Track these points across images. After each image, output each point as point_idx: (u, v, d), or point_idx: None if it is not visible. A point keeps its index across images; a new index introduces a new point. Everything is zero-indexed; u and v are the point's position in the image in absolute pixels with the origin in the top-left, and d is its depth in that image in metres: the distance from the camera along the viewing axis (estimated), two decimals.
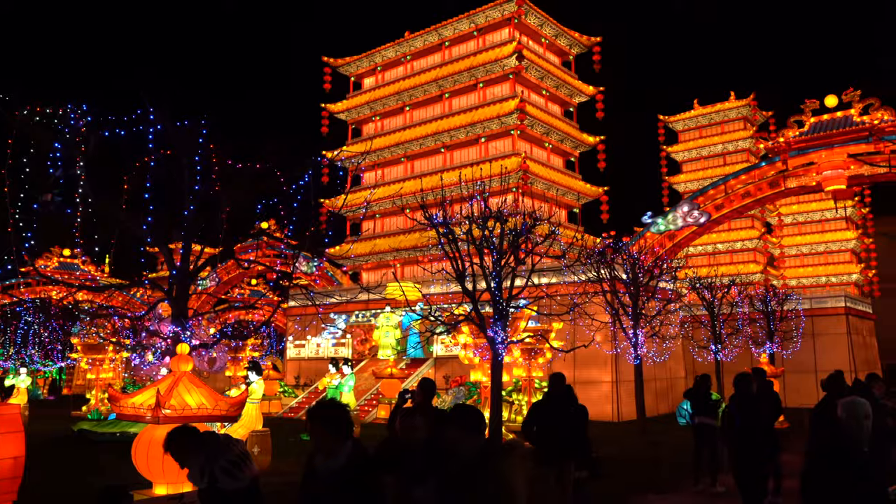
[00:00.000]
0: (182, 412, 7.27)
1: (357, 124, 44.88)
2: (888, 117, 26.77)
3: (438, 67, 40.27)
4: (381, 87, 43.04)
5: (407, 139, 40.38)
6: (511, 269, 15.06)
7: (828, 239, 46.24)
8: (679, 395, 31.71)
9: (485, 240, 14.74)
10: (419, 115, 41.42)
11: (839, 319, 32.40)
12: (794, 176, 28.55)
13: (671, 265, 23.37)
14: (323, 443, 4.04)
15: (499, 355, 14.73)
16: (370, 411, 28.40)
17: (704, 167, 48.13)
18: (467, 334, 18.27)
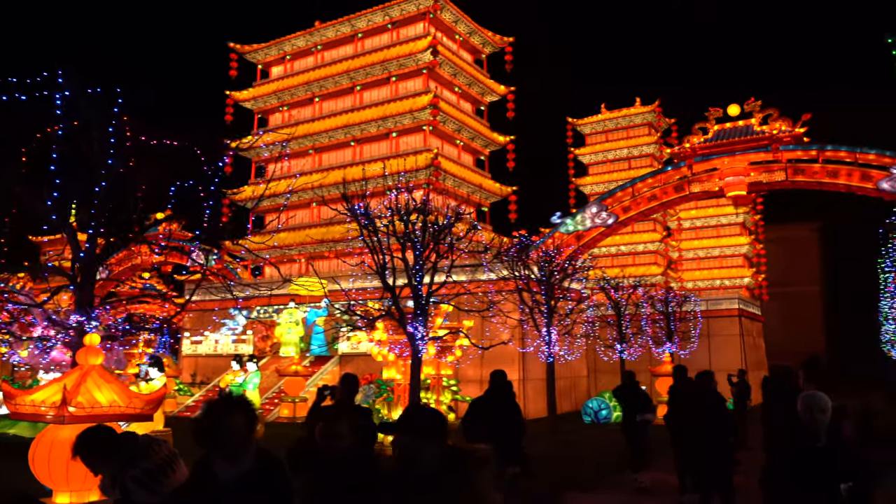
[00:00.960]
0: (91, 410, 6.28)
1: (263, 114, 43.08)
2: (785, 128, 28.25)
3: (350, 59, 39.22)
4: (290, 77, 41.48)
5: (316, 131, 39.09)
6: (432, 263, 14.54)
7: (723, 244, 48.70)
8: (582, 394, 32.31)
9: (407, 234, 14.14)
10: (329, 107, 40.21)
11: (733, 321, 33.99)
12: (698, 181, 29.59)
13: (582, 265, 23.56)
14: (223, 447, 3.35)
15: (419, 351, 14.17)
16: (272, 410, 27.29)
17: (610, 170, 49.52)
18: (383, 330, 17.56)
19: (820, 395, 4.44)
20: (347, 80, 39.01)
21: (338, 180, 33.34)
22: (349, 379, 6.87)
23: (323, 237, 36.73)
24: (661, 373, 24.93)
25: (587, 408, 24.84)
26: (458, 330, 17.50)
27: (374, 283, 26.67)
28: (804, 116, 29.61)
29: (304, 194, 39.07)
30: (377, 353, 18.55)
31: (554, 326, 20.65)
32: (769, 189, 29.45)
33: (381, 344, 17.94)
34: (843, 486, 4.19)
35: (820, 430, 4.32)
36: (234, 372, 25.04)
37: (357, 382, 6.87)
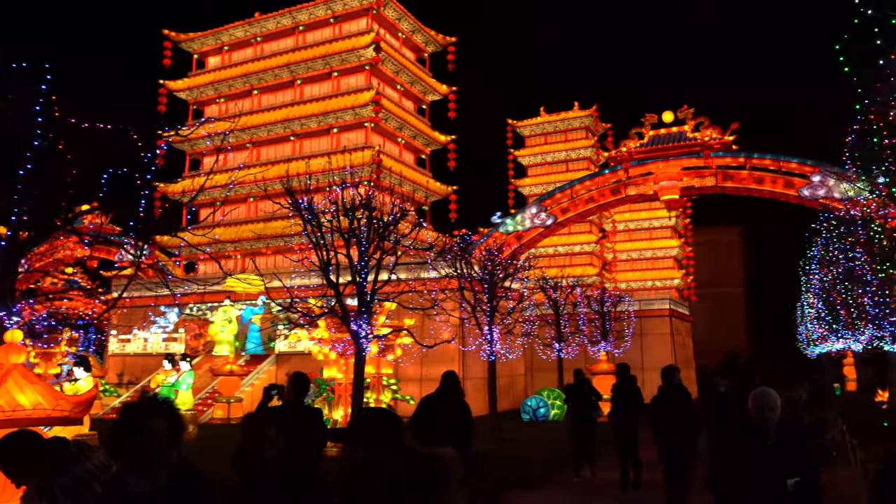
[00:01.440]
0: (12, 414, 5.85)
1: (199, 105, 41.84)
2: (716, 135, 29.33)
3: (291, 52, 38.52)
4: (228, 68, 40.42)
5: (254, 124, 38.24)
6: (377, 260, 14.43)
7: (655, 246, 50.19)
8: (520, 392, 32.74)
9: (352, 230, 13.98)
10: (268, 101, 39.40)
11: (664, 321, 35.08)
12: (634, 184, 30.39)
13: (523, 265, 23.85)
14: (138, 457, 2.82)
15: (363, 350, 14.03)
16: (206, 411, 26.56)
17: (549, 172, 50.30)
18: (325, 328, 17.33)
19: (770, 392, 4.49)
20: (288, 73, 38.31)
21: (278, 175, 32.85)
22: (299, 378, 6.68)
23: (261, 233, 35.98)
24: (598, 371, 25.49)
25: (526, 406, 25.15)
26: (401, 328, 17.44)
27: (314, 281, 26.26)
28: (733, 125, 30.90)
29: (241, 189, 38.15)
30: (318, 352, 18.30)
31: (496, 325, 20.81)
32: (700, 194, 30.54)
33: (322, 342, 17.70)
34: (790, 482, 4.26)
35: (770, 428, 4.39)
36: (165, 372, 24.23)
37: (308, 382, 6.71)
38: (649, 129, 30.96)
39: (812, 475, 4.43)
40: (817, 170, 27.73)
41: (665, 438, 9.20)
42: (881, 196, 12.97)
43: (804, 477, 4.34)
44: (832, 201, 27.08)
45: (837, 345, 26.28)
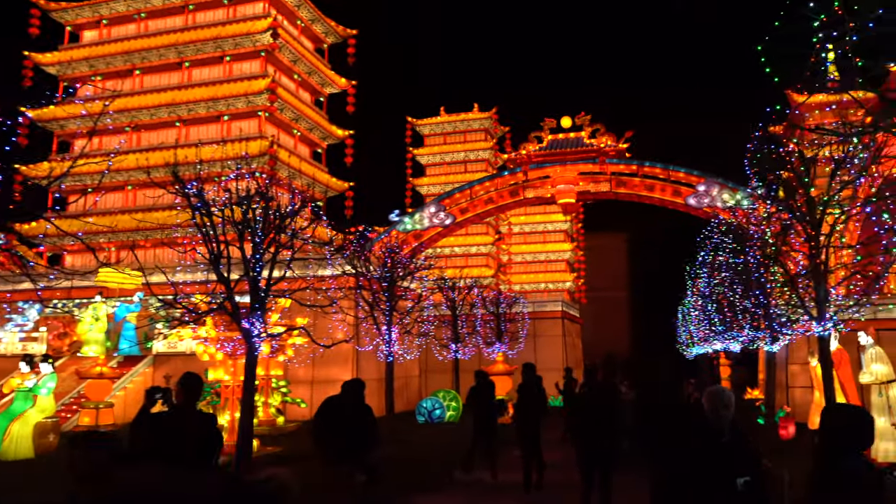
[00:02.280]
0: None
1: (71, 82, 38.42)
2: (611, 142, 30.03)
3: (180, 32, 36.09)
4: (107, 44, 37.34)
5: (135, 107, 35.53)
6: (272, 254, 13.38)
7: (548, 249, 51.20)
8: (414, 394, 32.18)
9: (247, 220, 12.85)
10: (152, 82, 36.74)
11: (556, 322, 35.64)
12: (532, 187, 30.59)
13: (423, 264, 23.30)
14: None
15: (255, 350, 12.93)
16: (70, 418, 24.15)
17: (447, 172, 50.16)
18: (211, 327, 16.00)
19: (725, 390, 4.42)
20: (175, 54, 35.86)
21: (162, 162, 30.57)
22: (191, 380, 5.75)
23: (139, 224, 33.40)
24: (494, 372, 25.31)
25: (421, 407, 24.60)
26: (294, 327, 16.37)
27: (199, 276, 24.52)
28: (627, 133, 31.87)
29: (118, 175, 35.37)
30: (203, 352, 16.90)
31: (394, 325, 20.12)
32: (595, 198, 31.21)
33: (208, 341, 16.35)
34: (740, 481, 4.19)
35: (724, 426, 4.33)
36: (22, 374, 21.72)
37: (201, 384, 5.79)
38: (548, 134, 31.39)
39: (761, 474, 4.36)
40: (702, 180, 28.97)
41: (587, 438, 8.91)
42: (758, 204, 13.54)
43: (753, 476, 4.26)
44: (715, 209, 28.35)
45: (716, 346, 27.55)
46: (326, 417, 8.29)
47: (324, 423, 8.24)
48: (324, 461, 8.16)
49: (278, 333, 14.17)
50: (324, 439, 8.20)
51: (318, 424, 8.22)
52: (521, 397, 11.64)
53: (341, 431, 8.14)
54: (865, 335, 12.08)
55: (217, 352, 16.36)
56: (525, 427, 11.28)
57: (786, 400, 20.67)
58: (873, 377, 11.98)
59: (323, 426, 8.20)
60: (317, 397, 25.25)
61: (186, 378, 5.81)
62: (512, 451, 15.95)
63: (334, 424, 8.22)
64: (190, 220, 12.74)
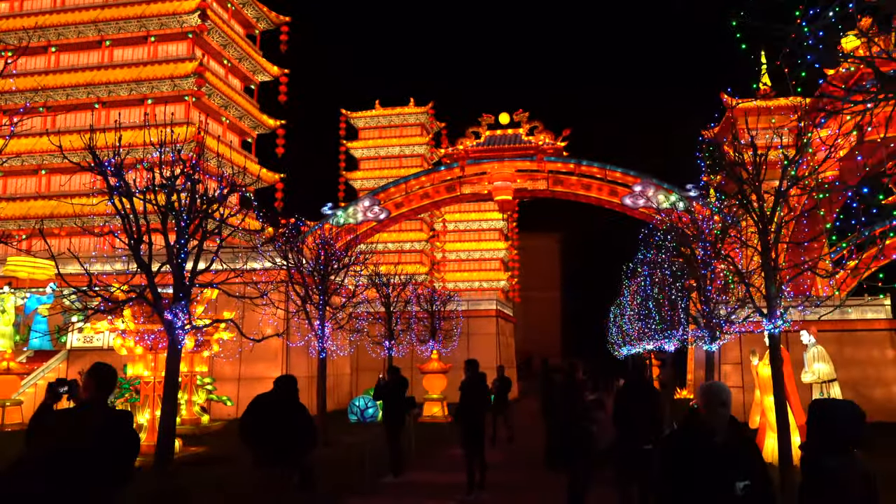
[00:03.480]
0: None
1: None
2: (549, 140, 29.97)
3: (100, 9, 34.06)
4: (19, 18, 34.90)
5: (50, 86, 33.31)
6: (199, 241, 12.45)
7: (483, 248, 51.04)
8: (345, 392, 31.36)
9: (170, 203, 11.88)
10: (69, 61, 34.54)
11: (490, 321, 35.40)
12: (469, 183, 30.23)
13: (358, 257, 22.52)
14: None
15: (178, 343, 11.97)
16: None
17: (382, 167, 49.31)
18: (130, 319, 14.87)
19: (722, 386, 4.09)
20: (95, 31, 33.80)
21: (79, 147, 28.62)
22: (102, 371, 4.97)
23: (53, 211, 31.33)
24: (429, 370, 24.86)
25: (354, 406, 23.90)
26: (221, 320, 15.40)
27: (119, 266, 23.00)
28: (565, 132, 31.90)
29: (30, 159, 33.09)
30: (121, 346, 15.72)
31: (327, 320, 19.30)
32: (532, 196, 31.11)
33: (127, 334, 15.21)
34: (739, 485, 3.83)
35: (719, 425, 3.97)
36: None
37: (114, 376, 5.01)
38: (486, 130, 31.12)
39: (765, 477, 3.94)
40: (639, 180, 29.27)
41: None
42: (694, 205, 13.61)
43: (754, 480, 3.85)
44: (651, 210, 28.70)
45: (648, 345, 27.88)
46: (257, 416, 7.59)
47: (254, 421, 7.54)
48: (254, 462, 7.39)
49: (203, 326, 13.21)
50: (254, 439, 7.51)
51: (248, 423, 7.51)
52: (464, 395, 11.16)
53: (274, 431, 7.47)
54: (808, 334, 12.17)
55: (136, 345, 15.25)
56: (469, 426, 10.79)
57: None
58: (815, 376, 12.08)
59: (253, 425, 7.51)
60: (244, 395, 24.17)
61: (96, 368, 5.02)
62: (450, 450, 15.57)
63: (266, 423, 7.54)
64: (108, 203, 11.69)
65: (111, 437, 4.75)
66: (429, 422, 22.96)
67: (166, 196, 11.90)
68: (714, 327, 14.56)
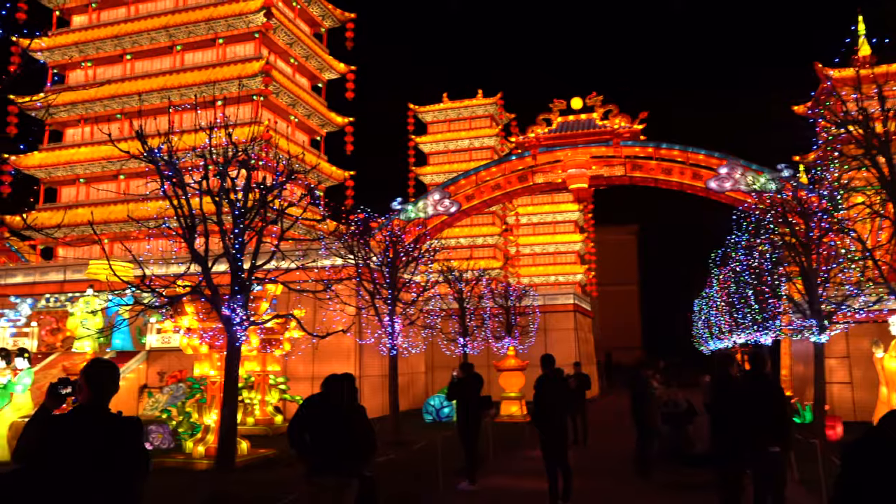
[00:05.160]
0: None
1: (61, 69, 36.98)
2: (625, 124, 28.36)
3: (170, 14, 34.58)
4: (96, 28, 35.87)
5: (126, 93, 34.04)
6: (257, 231, 11.82)
7: (558, 241, 49.46)
8: (420, 391, 30.64)
9: (225, 190, 11.29)
10: (143, 67, 35.24)
11: (568, 316, 33.94)
12: (541, 171, 28.95)
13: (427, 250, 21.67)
14: None
15: (237, 340, 11.36)
16: None
17: (451, 160, 48.49)
18: (192, 315, 14.41)
19: None
20: (166, 37, 34.35)
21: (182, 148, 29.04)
22: (97, 369, 4.05)
23: (131, 214, 31.86)
24: (506, 367, 23.78)
25: (429, 405, 23.06)
26: (284, 315, 14.80)
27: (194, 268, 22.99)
28: (641, 114, 30.14)
29: (110, 165, 33.91)
30: (186, 345, 15.34)
31: (397, 316, 18.50)
32: (608, 183, 29.54)
33: (190, 332, 14.78)
34: None
35: None
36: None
37: (111, 374, 4.09)
38: (557, 116, 29.76)
39: None
40: (724, 162, 27.29)
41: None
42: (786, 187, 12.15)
43: None
44: (738, 193, 26.67)
45: (740, 339, 25.90)
46: (307, 420, 6.69)
47: (304, 426, 6.64)
48: (308, 471, 6.50)
49: (263, 322, 12.57)
50: (305, 446, 6.60)
51: (297, 428, 6.61)
52: (542, 393, 9.94)
53: (327, 436, 6.54)
54: None
55: (200, 344, 14.81)
56: (549, 428, 9.54)
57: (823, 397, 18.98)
58: None
59: (302, 430, 6.61)
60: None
61: (94, 366, 4.11)
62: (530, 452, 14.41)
63: (317, 428, 6.63)
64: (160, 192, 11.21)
65: (113, 451, 3.89)
66: (507, 421, 21.84)
67: (220, 182, 11.33)
68: (824, 315, 12.93)
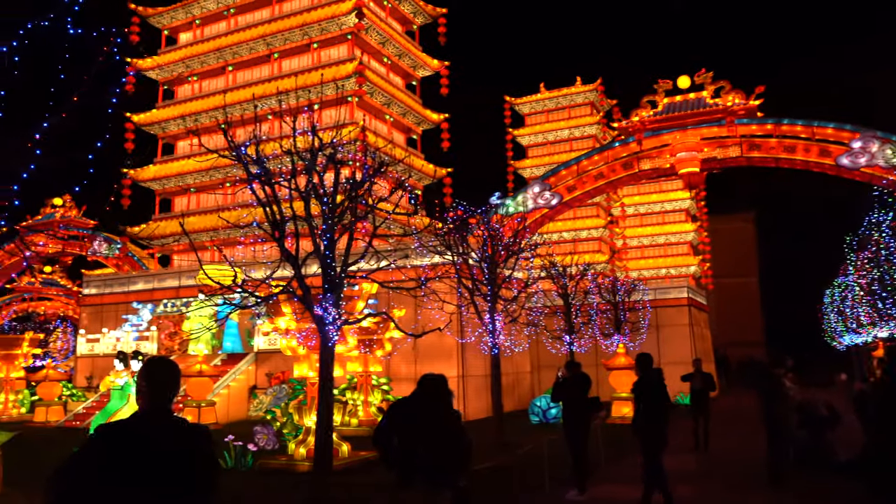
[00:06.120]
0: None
1: (170, 84, 38.66)
2: (739, 100, 26.20)
3: (267, 23, 35.36)
4: (200, 43, 37.25)
5: (228, 103, 35.02)
6: (347, 227, 11.32)
7: (668, 231, 46.90)
8: (526, 391, 29.60)
9: (312, 185, 10.86)
10: (244, 77, 36.24)
11: (681, 311, 31.83)
12: (648, 157, 27.24)
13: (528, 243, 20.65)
14: None
15: (329, 340, 10.88)
16: None
17: (551, 152, 47.03)
18: (290, 316, 14.14)
19: None
20: (264, 46, 35.14)
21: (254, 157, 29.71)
22: (160, 367, 3.49)
23: (238, 220, 32.78)
24: (615, 366, 22.42)
25: (535, 406, 22.06)
26: (383, 313, 14.27)
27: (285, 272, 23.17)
28: (758, 89, 27.70)
29: (215, 174, 35.04)
30: (285, 347, 15.15)
31: (498, 314, 17.62)
32: (722, 167, 27.37)
33: (288, 333, 14.54)
34: None
35: None
36: (116, 372, 21.16)
37: (176, 373, 3.51)
38: (663, 97, 27.89)
39: None
40: (857, 135, 24.61)
41: None
42: None
43: None
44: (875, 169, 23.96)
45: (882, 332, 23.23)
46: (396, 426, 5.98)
47: (392, 433, 5.93)
48: (398, 482, 5.84)
49: (356, 321, 12.06)
50: (393, 455, 5.89)
51: (385, 435, 5.90)
52: (641, 398, 9.06)
53: (417, 444, 5.80)
54: None
55: (298, 345, 14.54)
56: (646, 436, 8.68)
57: None
58: None
59: (390, 435, 5.91)
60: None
61: (152, 365, 3.55)
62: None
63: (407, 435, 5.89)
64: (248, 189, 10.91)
65: (183, 462, 3.30)
66: (618, 423, 20.47)
67: (307, 175, 10.92)
68: None
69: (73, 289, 49.40)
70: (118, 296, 31.32)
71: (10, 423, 24.82)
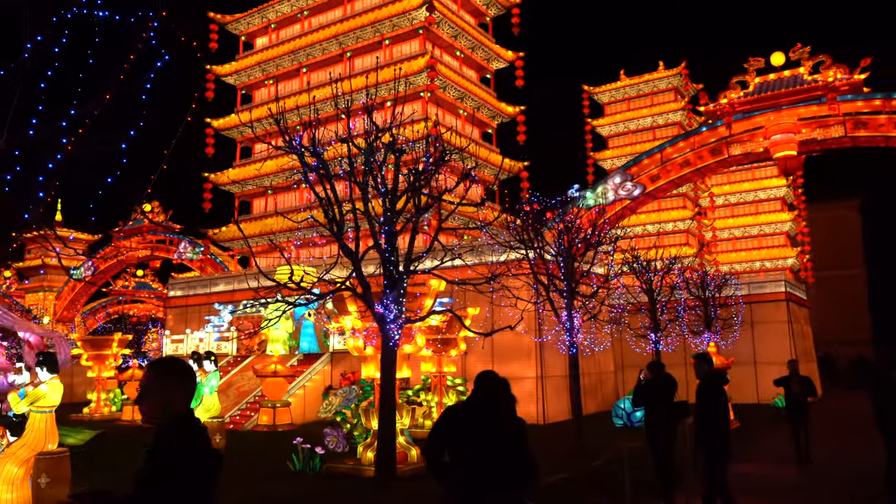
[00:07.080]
0: None
1: (248, 89, 39.33)
2: (842, 75, 23.94)
3: (339, 23, 35.35)
4: (275, 47, 37.70)
5: (303, 104, 35.23)
6: (409, 219, 10.63)
7: (762, 221, 44.04)
8: (610, 392, 28.19)
9: (370, 172, 10.22)
10: (318, 78, 36.37)
11: (779, 306, 29.57)
12: (738, 142, 25.32)
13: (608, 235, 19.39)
14: None
15: (390, 339, 10.19)
16: (251, 416, 23.55)
17: (633, 142, 45.10)
18: (355, 315, 13.55)
19: None
20: (337, 45, 35.13)
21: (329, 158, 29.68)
22: (169, 366, 2.88)
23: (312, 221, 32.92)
24: None
25: (618, 408, 20.79)
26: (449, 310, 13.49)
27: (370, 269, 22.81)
28: (863, 62, 25.20)
29: (292, 175, 35.28)
30: (352, 347, 14.58)
31: (576, 311, 16.51)
32: (823, 149, 25.09)
33: (354, 333, 13.96)
34: None
35: None
36: None
37: (190, 374, 2.89)
38: (755, 77, 25.89)
39: None
40: None
41: None
42: None
43: None
44: None
45: None
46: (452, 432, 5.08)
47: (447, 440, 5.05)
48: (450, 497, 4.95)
49: (419, 319, 11.32)
50: (445, 469, 5.01)
51: (438, 442, 5.01)
52: (697, 403, 8.37)
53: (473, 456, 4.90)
54: None
55: (365, 345, 13.94)
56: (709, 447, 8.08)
57: None
58: None
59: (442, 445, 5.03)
60: None
61: (160, 364, 2.96)
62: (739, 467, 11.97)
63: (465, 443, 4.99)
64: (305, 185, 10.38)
65: None
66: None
67: (365, 168, 10.28)
68: None
69: (163, 291, 51.36)
70: (201, 297, 31.99)
71: (101, 422, 25.53)
